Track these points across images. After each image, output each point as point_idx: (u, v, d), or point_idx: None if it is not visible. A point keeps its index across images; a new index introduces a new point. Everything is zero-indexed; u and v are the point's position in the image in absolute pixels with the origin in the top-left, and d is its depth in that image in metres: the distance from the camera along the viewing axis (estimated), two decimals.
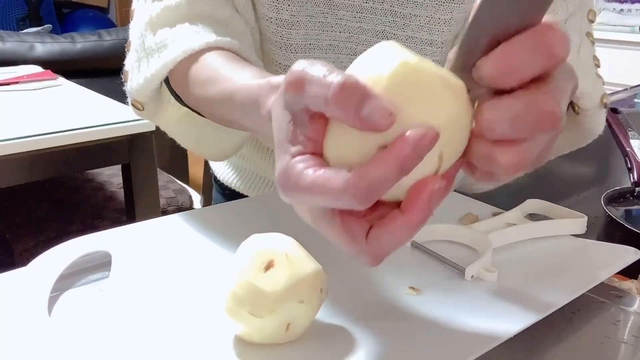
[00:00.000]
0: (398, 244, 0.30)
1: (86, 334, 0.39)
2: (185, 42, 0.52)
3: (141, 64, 0.55)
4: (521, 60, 0.27)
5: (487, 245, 0.48)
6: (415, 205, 0.29)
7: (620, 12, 2.52)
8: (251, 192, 0.78)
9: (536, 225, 0.53)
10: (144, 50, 0.55)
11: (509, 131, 0.28)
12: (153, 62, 0.53)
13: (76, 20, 3.71)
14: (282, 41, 0.60)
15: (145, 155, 1.20)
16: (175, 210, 1.59)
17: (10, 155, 1.02)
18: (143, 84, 0.55)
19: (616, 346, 0.41)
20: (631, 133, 0.89)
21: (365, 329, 0.39)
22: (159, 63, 0.53)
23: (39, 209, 1.55)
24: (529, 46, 0.27)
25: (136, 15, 0.59)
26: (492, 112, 0.28)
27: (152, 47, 0.54)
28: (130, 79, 0.57)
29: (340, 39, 0.61)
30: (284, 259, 0.36)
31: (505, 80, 0.28)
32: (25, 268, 0.45)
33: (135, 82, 0.56)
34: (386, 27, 0.60)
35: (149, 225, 0.55)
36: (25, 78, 1.41)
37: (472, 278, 0.46)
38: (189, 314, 0.41)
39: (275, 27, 0.60)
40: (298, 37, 0.60)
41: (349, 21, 0.60)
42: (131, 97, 0.57)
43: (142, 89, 0.55)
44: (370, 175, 0.27)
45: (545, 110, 0.27)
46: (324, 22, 0.60)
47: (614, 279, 0.49)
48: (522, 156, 0.29)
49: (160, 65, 0.52)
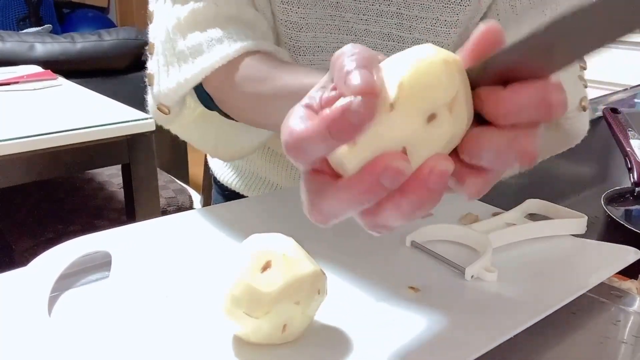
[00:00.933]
0: (338, 209, 0.29)
1: (86, 334, 0.39)
2: (222, 49, 0.52)
3: (170, 68, 0.55)
4: (522, 109, 0.28)
5: (487, 245, 0.48)
6: (364, 173, 0.27)
7: None
8: (251, 193, 0.78)
9: (536, 225, 0.53)
10: (174, 55, 0.55)
11: (486, 163, 0.29)
12: (187, 68, 0.53)
13: (76, 20, 3.71)
14: (291, 43, 0.61)
15: (145, 155, 1.20)
16: (175, 210, 1.59)
17: (10, 155, 1.02)
18: (175, 89, 0.54)
19: (616, 346, 0.41)
20: (631, 133, 0.89)
21: (363, 330, 0.39)
22: (195, 69, 0.53)
23: (39, 209, 1.55)
24: (533, 99, 0.28)
25: (157, 17, 0.58)
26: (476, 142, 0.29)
27: (184, 51, 0.54)
28: (158, 82, 0.56)
29: (347, 41, 0.61)
30: (282, 260, 0.36)
31: (500, 120, 0.28)
32: (25, 268, 0.45)
33: (164, 86, 0.55)
34: (392, 30, 0.60)
35: (149, 225, 0.55)
36: (25, 78, 1.41)
37: (472, 278, 0.46)
38: (188, 314, 0.41)
39: (284, 29, 0.60)
40: (307, 40, 0.60)
41: (355, 23, 0.60)
42: (157, 101, 0.57)
43: (172, 93, 0.55)
44: (300, 132, 0.27)
45: (526, 150, 0.28)
46: (332, 24, 0.60)
47: (614, 279, 0.49)
48: (487, 183, 0.30)
49: (198, 70, 0.52)
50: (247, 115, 0.56)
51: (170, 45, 0.55)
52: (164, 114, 0.57)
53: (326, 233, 0.50)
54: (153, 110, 0.59)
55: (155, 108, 0.58)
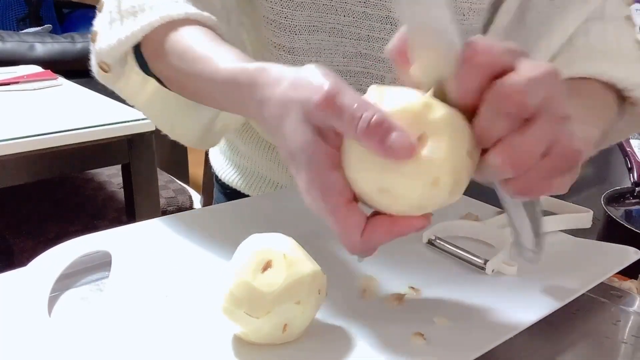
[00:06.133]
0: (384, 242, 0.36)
1: (86, 334, 0.39)
2: (164, 9, 0.52)
3: (113, 25, 0.55)
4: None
5: (504, 239, 0.48)
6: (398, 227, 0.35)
7: None
8: (252, 192, 0.78)
9: (545, 220, 0.53)
10: (118, 13, 0.55)
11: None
12: (128, 25, 0.53)
13: (76, 20, 3.70)
14: (286, 22, 0.61)
15: (145, 155, 1.20)
16: (175, 210, 1.59)
17: (10, 155, 1.02)
18: (115, 45, 0.54)
19: (616, 346, 0.41)
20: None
21: (364, 330, 0.39)
22: (135, 26, 0.52)
23: (39, 209, 1.55)
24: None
25: None
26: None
27: (128, 10, 0.54)
28: (100, 39, 0.56)
29: (344, 22, 0.61)
30: (282, 260, 0.36)
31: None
32: (25, 268, 0.45)
33: (105, 42, 0.55)
34: (390, 13, 0.61)
35: (149, 225, 0.55)
36: (25, 78, 1.41)
37: (492, 272, 0.46)
38: (188, 313, 0.41)
39: (279, 8, 0.60)
40: (302, 18, 0.61)
41: (353, 5, 0.60)
42: (98, 58, 0.57)
43: (112, 50, 0.54)
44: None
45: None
46: (328, 4, 0.60)
47: (614, 279, 0.49)
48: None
49: (137, 28, 0.52)
50: (177, 85, 0.56)
51: (117, 3, 0.55)
52: (104, 71, 0.57)
53: (326, 233, 0.50)
54: (95, 69, 0.59)
55: (97, 66, 0.57)
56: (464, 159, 0.33)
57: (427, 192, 0.33)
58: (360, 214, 0.35)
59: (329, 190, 0.34)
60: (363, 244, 0.35)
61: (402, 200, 0.34)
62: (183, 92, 0.56)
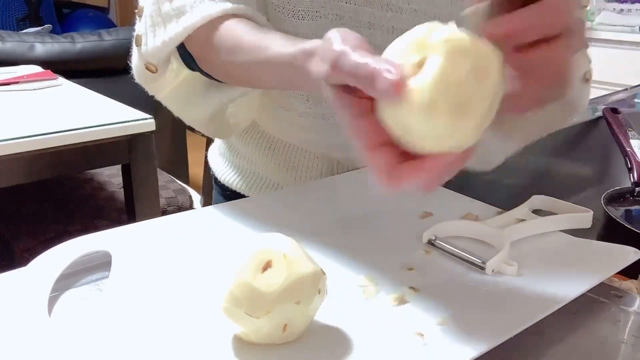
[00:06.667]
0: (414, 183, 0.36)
1: (86, 334, 0.39)
2: (204, 9, 0.56)
3: (157, 28, 0.59)
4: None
5: (504, 239, 0.49)
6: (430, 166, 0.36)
7: (620, 12, 2.52)
8: (252, 193, 0.78)
9: (545, 220, 0.53)
10: (160, 16, 0.59)
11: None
12: (171, 27, 0.57)
13: (76, 20, 3.71)
14: (290, 7, 0.62)
15: (145, 155, 1.20)
16: (175, 210, 1.59)
17: (10, 155, 1.02)
18: (160, 47, 0.58)
19: (616, 346, 0.41)
20: (631, 133, 0.89)
21: (364, 330, 0.39)
22: (178, 27, 0.57)
23: (39, 209, 1.55)
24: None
25: None
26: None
27: (169, 12, 0.58)
28: (145, 42, 0.60)
29: (345, 9, 0.62)
30: (282, 260, 0.36)
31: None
32: (25, 268, 0.45)
33: (151, 45, 0.59)
34: (391, 0, 0.61)
35: (149, 225, 0.55)
36: (25, 78, 1.41)
37: (492, 272, 0.46)
38: (188, 313, 0.41)
39: None
40: (305, 3, 0.62)
41: None
42: (145, 60, 0.61)
43: (158, 52, 0.59)
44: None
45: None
46: None
47: (614, 279, 0.49)
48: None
49: (180, 29, 0.56)
50: (226, 77, 0.61)
51: (157, 7, 0.59)
52: (152, 72, 0.62)
53: (326, 233, 0.50)
54: (140, 70, 0.63)
55: (143, 67, 0.62)
56: (466, 81, 0.32)
57: (430, 121, 0.32)
58: (390, 154, 0.36)
59: (358, 135, 0.37)
60: (391, 179, 0.36)
61: (417, 136, 0.34)
62: (236, 82, 0.62)
